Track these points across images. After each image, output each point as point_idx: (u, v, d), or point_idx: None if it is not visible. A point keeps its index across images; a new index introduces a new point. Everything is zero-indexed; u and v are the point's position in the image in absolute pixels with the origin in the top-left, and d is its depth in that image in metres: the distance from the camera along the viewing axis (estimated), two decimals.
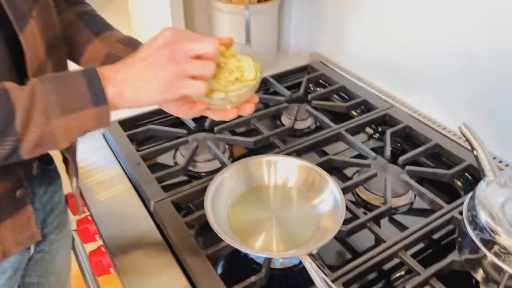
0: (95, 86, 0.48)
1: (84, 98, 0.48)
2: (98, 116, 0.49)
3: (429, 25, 0.88)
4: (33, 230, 0.62)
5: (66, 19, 0.68)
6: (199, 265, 0.60)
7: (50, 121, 0.46)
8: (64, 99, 0.47)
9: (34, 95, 0.46)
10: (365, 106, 0.99)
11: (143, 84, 0.50)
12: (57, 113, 0.46)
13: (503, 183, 0.59)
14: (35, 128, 0.46)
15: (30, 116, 0.45)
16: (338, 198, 0.64)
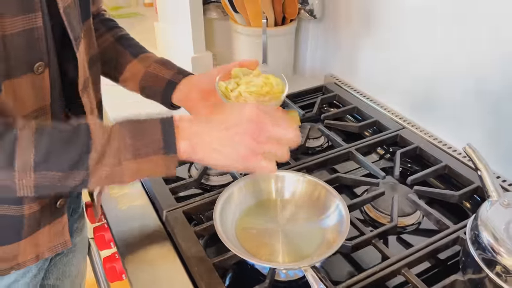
0: (169, 136, 0.51)
1: (157, 145, 0.50)
2: (166, 164, 0.51)
3: (441, 49, 0.90)
4: (66, 237, 0.66)
5: (105, 42, 0.75)
6: (206, 273, 0.63)
7: (121, 163, 0.49)
8: (138, 144, 0.50)
9: (111, 136, 0.49)
10: (377, 127, 1.01)
11: (219, 149, 0.52)
12: (129, 156, 0.49)
13: (506, 203, 0.60)
14: (106, 167, 0.49)
15: (103, 155, 0.48)
16: (343, 213, 0.66)
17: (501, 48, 0.79)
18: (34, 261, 0.63)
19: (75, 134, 0.48)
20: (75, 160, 0.48)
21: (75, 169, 0.48)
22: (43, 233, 0.62)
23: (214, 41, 1.30)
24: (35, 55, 0.51)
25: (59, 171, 0.48)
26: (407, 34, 0.97)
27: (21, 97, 0.52)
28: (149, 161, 0.50)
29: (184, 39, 1.19)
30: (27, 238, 0.61)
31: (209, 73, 0.71)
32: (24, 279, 0.67)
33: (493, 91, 0.83)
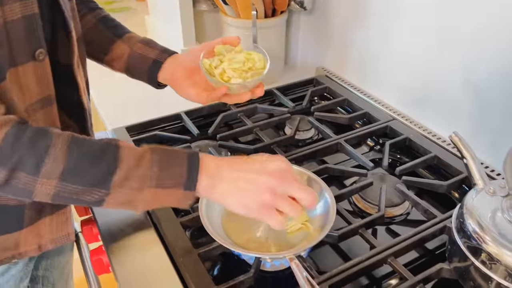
0: (192, 173, 0.51)
1: (180, 179, 0.51)
2: (182, 198, 0.52)
3: (431, 41, 0.90)
4: (69, 230, 0.66)
5: (87, 23, 0.75)
6: (191, 263, 0.62)
7: (143, 190, 0.50)
8: (163, 175, 0.50)
9: (141, 161, 0.49)
10: (367, 119, 1.01)
11: (235, 194, 0.53)
12: (152, 184, 0.50)
13: (492, 191, 0.60)
14: (127, 190, 0.49)
15: (128, 179, 0.49)
16: (329, 202, 0.66)
17: (489, 42, 0.79)
18: (36, 252, 0.64)
19: (104, 151, 0.49)
20: (99, 178, 0.48)
21: (96, 186, 0.48)
22: (44, 223, 0.62)
23: (204, 33, 1.29)
24: (35, 42, 0.52)
25: (80, 186, 0.48)
26: (398, 26, 0.97)
27: (26, 86, 0.52)
28: (168, 193, 0.51)
29: (174, 32, 1.18)
30: (28, 228, 0.61)
31: (193, 51, 0.71)
32: (16, 267, 0.67)
33: (480, 83, 0.82)
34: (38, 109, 0.54)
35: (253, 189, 0.53)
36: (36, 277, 0.81)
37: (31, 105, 0.53)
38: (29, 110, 0.53)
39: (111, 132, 0.94)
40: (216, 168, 0.53)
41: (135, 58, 0.73)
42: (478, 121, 0.85)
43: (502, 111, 0.80)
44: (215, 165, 0.53)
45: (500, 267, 0.53)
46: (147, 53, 0.73)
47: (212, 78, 0.66)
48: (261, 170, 0.54)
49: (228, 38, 0.71)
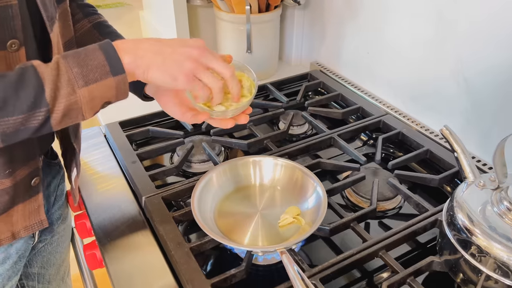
0: (111, 57, 0.52)
1: (104, 69, 0.51)
2: (117, 85, 0.52)
3: (425, 36, 0.90)
4: (41, 217, 0.66)
5: (81, 28, 0.75)
6: (183, 257, 0.62)
7: (75, 92, 0.50)
8: (85, 71, 0.50)
9: (59, 69, 0.50)
10: (360, 113, 1.01)
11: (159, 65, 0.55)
12: (81, 83, 0.50)
13: (482, 185, 0.60)
14: (62, 99, 0.49)
15: (57, 88, 0.49)
16: (321, 196, 0.66)
17: (483, 38, 0.79)
18: (10, 240, 0.64)
19: (24, 77, 0.49)
20: (32, 100, 0.48)
21: (34, 108, 0.48)
22: (17, 211, 0.63)
23: (198, 28, 1.29)
24: (8, 33, 0.51)
25: (20, 114, 0.48)
26: (392, 21, 0.97)
27: None
28: (101, 85, 0.51)
29: (168, 27, 1.18)
30: (1, 216, 0.61)
31: None
32: (3, 265, 0.66)
33: (473, 79, 0.82)
34: None
35: (176, 59, 0.55)
36: (31, 275, 0.81)
37: None
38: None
39: (105, 127, 0.94)
40: (135, 45, 0.54)
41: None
42: (470, 115, 0.85)
43: (493, 106, 0.81)
44: (132, 43, 0.54)
45: (489, 260, 0.54)
46: None
47: (195, 102, 0.64)
48: (181, 43, 0.56)
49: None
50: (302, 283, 0.53)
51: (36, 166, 0.63)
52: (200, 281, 0.59)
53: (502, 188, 0.58)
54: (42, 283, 0.84)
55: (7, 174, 0.58)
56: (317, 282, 0.59)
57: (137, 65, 0.54)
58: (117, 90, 0.53)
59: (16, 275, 0.71)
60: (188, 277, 0.60)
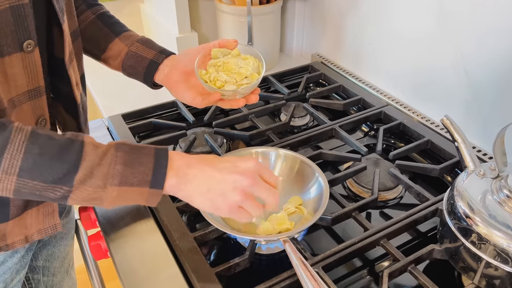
0: (159, 171, 0.50)
1: (145, 178, 0.49)
2: (149, 197, 0.51)
3: (426, 27, 0.90)
4: (55, 221, 0.65)
5: (86, 19, 0.75)
6: (187, 247, 0.63)
7: (106, 187, 0.49)
8: (127, 173, 0.49)
9: (104, 159, 0.48)
10: (362, 105, 1.01)
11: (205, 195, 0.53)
12: (116, 182, 0.49)
13: (482, 174, 0.61)
14: (89, 188, 0.48)
15: (91, 176, 0.48)
16: (322, 185, 0.67)
17: (484, 30, 0.79)
18: (23, 243, 0.64)
19: (67, 148, 0.48)
20: (60, 176, 0.47)
21: (58, 183, 0.47)
22: (31, 214, 0.62)
23: (199, 20, 1.29)
24: (24, 33, 0.51)
25: (41, 182, 0.47)
26: (393, 12, 0.97)
27: (13, 77, 0.51)
28: (133, 191, 0.50)
29: (168, 19, 1.18)
30: (15, 219, 0.61)
31: (189, 53, 0.71)
32: (12, 259, 0.67)
33: (474, 69, 0.83)
34: (25, 100, 0.54)
35: (222, 190, 0.52)
36: (36, 268, 0.82)
37: (18, 96, 0.53)
38: (15, 100, 0.53)
39: (107, 120, 0.95)
40: (185, 167, 0.52)
41: (131, 58, 0.73)
42: (470, 106, 0.86)
43: (494, 96, 0.81)
44: (184, 164, 0.52)
45: (489, 247, 0.55)
46: (144, 53, 0.73)
47: (206, 83, 0.66)
48: (232, 169, 0.53)
49: (225, 41, 0.71)
50: (305, 271, 0.54)
51: None
52: (205, 270, 0.60)
53: (502, 176, 0.59)
54: (47, 276, 0.85)
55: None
56: (320, 270, 0.60)
57: (180, 189, 0.52)
58: (146, 200, 0.52)
59: (24, 269, 0.72)
60: (192, 266, 0.61)
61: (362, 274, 0.65)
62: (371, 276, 0.65)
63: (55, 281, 0.88)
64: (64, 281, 0.91)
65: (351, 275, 0.65)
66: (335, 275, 0.64)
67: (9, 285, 0.69)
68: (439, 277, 0.61)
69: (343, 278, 0.64)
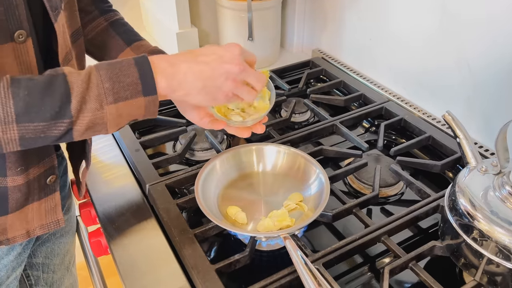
0: (146, 77, 0.50)
1: (136, 87, 0.50)
2: (147, 105, 0.51)
3: (427, 22, 0.89)
4: (58, 216, 0.65)
5: (98, 26, 0.74)
6: (187, 243, 0.63)
7: (103, 107, 0.49)
8: (117, 87, 0.49)
9: (90, 81, 0.48)
10: (362, 100, 1.01)
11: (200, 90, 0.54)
12: (110, 100, 0.49)
13: (484, 170, 0.60)
14: (88, 113, 0.48)
15: (84, 101, 0.48)
16: (323, 182, 0.66)
17: (486, 25, 0.78)
18: (25, 238, 0.63)
19: (52, 84, 0.47)
20: (57, 109, 0.47)
21: (58, 118, 0.47)
22: (32, 209, 0.62)
23: (199, 16, 1.28)
24: (14, 23, 0.50)
25: (41, 121, 0.47)
26: (394, 7, 0.96)
27: (3, 67, 0.51)
28: (130, 104, 0.50)
29: (168, 15, 1.17)
30: (15, 213, 0.61)
31: None
32: (8, 257, 0.67)
33: (475, 65, 0.82)
34: None
35: (215, 81, 0.54)
36: (36, 265, 0.82)
37: None
38: None
39: None
40: (171, 67, 0.52)
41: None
42: (473, 101, 0.85)
43: (496, 92, 0.80)
44: (167, 64, 0.52)
45: (491, 244, 0.54)
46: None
47: (213, 109, 0.65)
48: (219, 59, 0.55)
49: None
50: (305, 267, 0.54)
51: (51, 164, 0.62)
52: (205, 267, 0.60)
53: (504, 173, 0.58)
54: (46, 273, 0.85)
55: (19, 172, 0.58)
56: (320, 267, 0.59)
57: (174, 89, 0.52)
58: (146, 110, 0.52)
59: (20, 266, 0.71)
60: (192, 263, 0.60)
61: (363, 271, 0.65)
62: (372, 273, 0.65)
63: (55, 278, 0.88)
64: (64, 278, 0.91)
65: (352, 272, 0.65)
66: (336, 272, 0.64)
67: (5, 282, 0.68)
68: (440, 273, 0.61)
69: (344, 275, 0.64)
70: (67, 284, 0.92)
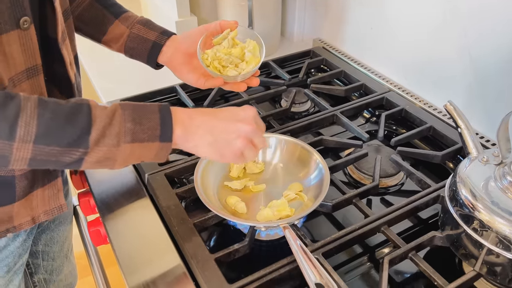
0: (166, 124, 0.52)
1: (154, 132, 0.52)
2: (159, 151, 0.53)
3: (429, 12, 0.88)
4: (61, 201, 0.66)
5: (83, 1, 0.74)
6: (186, 233, 0.63)
7: (119, 145, 0.50)
8: (137, 129, 0.51)
9: (114, 118, 0.50)
10: (363, 90, 1.00)
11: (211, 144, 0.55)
12: (128, 139, 0.50)
13: (485, 160, 0.60)
14: (104, 147, 0.49)
15: (104, 135, 0.49)
16: (323, 172, 0.66)
17: (488, 15, 0.77)
18: (30, 224, 0.64)
19: (76, 111, 0.48)
20: (75, 138, 0.48)
21: (74, 146, 0.48)
22: (36, 195, 0.63)
23: (198, 4, 1.26)
24: (20, 10, 0.51)
25: (58, 146, 0.48)
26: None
27: (11, 54, 0.51)
28: (144, 146, 0.52)
29: (167, 3, 1.16)
30: (21, 201, 0.61)
31: (192, 35, 0.71)
32: (14, 243, 0.67)
33: (477, 55, 0.81)
34: (24, 79, 0.54)
35: (227, 138, 0.55)
36: (36, 252, 0.82)
37: (17, 75, 0.53)
38: (15, 80, 0.53)
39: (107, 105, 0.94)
40: (189, 119, 0.54)
41: (134, 40, 0.73)
42: (474, 91, 0.84)
43: (498, 82, 0.80)
44: (187, 116, 0.54)
45: (491, 234, 0.54)
46: (146, 35, 0.73)
47: (208, 68, 0.67)
48: (233, 118, 0.56)
49: (225, 22, 0.71)
50: (305, 257, 0.54)
51: None
52: (204, 256, 0.60)
53: (505, 163, 0.58)
54: (46, 261, 0.85)
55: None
56: (320, 257, 0.59)
57: (187, 139, 0.54)
58: (156, 155, 0.53)
59: (26, 253, 0.72)
60: (192, 252, 0.60)
61: (363, 261, 0.65)
62: (371, 263, 0.65)
63: (54, 266, 0.88)
64: (64, 265, 0.91)
65: (352, 262, 0.65)
66: (335, 262, 0.64)
67: (12, 269, 0.69)
68: (440, 264, 0.61)
69: (343, 265, 0.64)
70: (66, 271, 0.93)
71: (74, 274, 0.98)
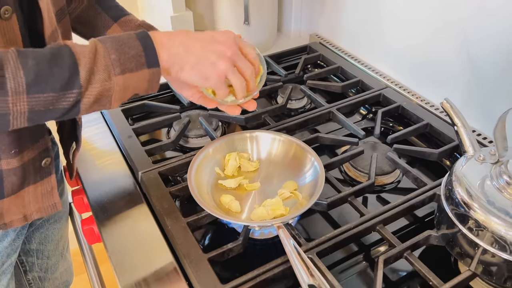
0: (149, 49, 0.51)
1: (140, 60, 0.51)
2: (150, 78, 0.52)
3: (427, 9, 0.87)
4: (55, 199, 0.65)
5: (82, 3, 0.72)
6: (179, 232, 0.62)
7: (111, 78, 0.49)
8: (123, 59, 0.50)
9: (96, 53, 0.49)
10: (360, 87, 0.99)
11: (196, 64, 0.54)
12: (118, 71, 0.49)
13: (481, 159, 0.59)
14: (97, 84, 0.48)
15: (93, 72, 0.48)
16: (318, 170, 0.65)
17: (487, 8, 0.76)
18: (22, 222, 0.63)
19: (58, 55, 0.47)
20: (66, 80, 0.47)
21: (67, 89, 0.47)
22: (28, 192, 0.62)
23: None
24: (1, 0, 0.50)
25: (51, 92, 0.47)
26: None
27: None
28: (136, 76, 0.51)
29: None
30: (11, 197, 0.60)
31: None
32: (2, 243, 0.66)
33: (475, 52, 0.80)
34: None
35: (209, 58, 0.54)
36: (30, 251, 0.81)
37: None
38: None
39: None
40: (168, 39, 0.53)
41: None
42: (472, 89, 0.84)
43: (495, 80, 0.79)
44: (166, 37, 0.53)
45: (487, 234, 0.53)
46: None
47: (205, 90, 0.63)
48: (211, 39, 0.55)
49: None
50: (298, 257, 0.53)
51: (45, 146, 0.62)
52: (197, 255, 0.59)
53: (502, 162, 0.57)
54: (41, 259, 0.85)
55: (13, 154, 0.57)
56: (314, 256, 0.59)
57: (173, 62, 0.53)
58: (149, 83, 0.52)
59: (15, 253, 0.71)
60: (185, 252, 0.60)
61: (358, 260, 0.64)
62: (366, 262, 0.64)
63: (50, 264, 0.88)
64: (59, 263, 0.91)
65: (346, 261, 0.64)
66: (330, 261, 0.63)
67: (0, 268, 0.68)
68: (435, 263, 0.61)
69: (338, 264, 0.64)
70: (62, 269, 0.92)
71: (70, 271, 0.97)
